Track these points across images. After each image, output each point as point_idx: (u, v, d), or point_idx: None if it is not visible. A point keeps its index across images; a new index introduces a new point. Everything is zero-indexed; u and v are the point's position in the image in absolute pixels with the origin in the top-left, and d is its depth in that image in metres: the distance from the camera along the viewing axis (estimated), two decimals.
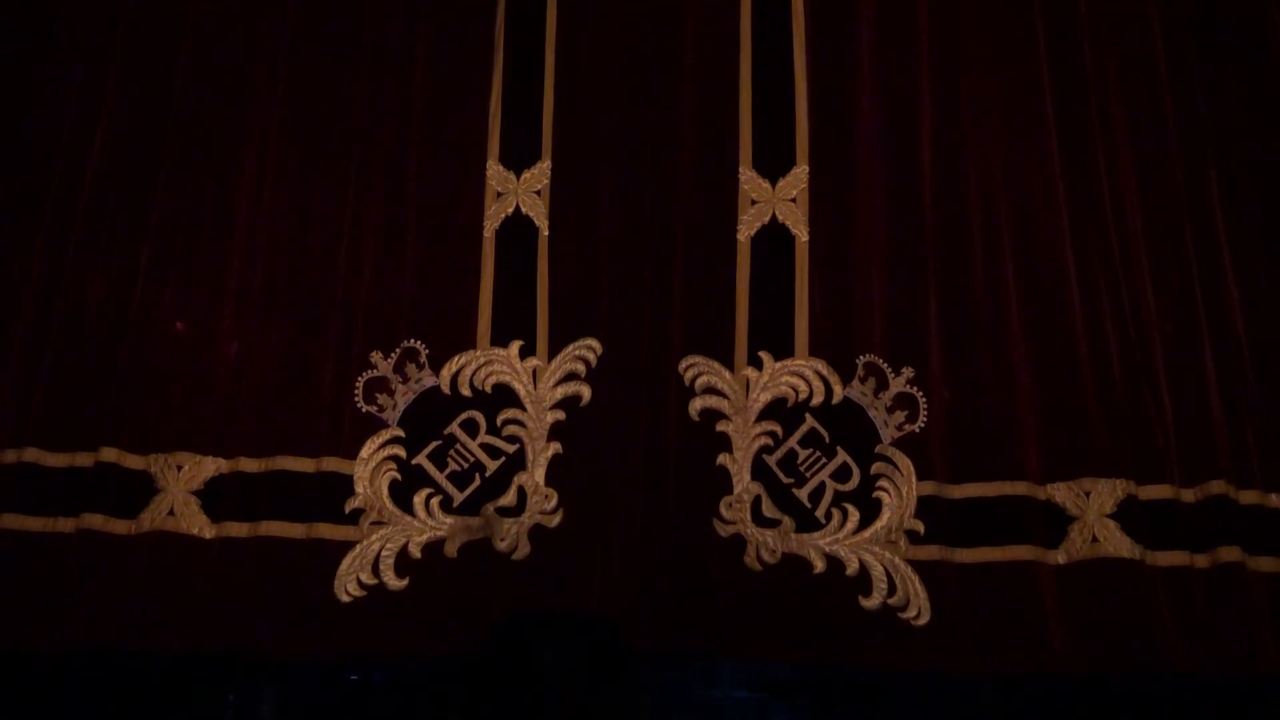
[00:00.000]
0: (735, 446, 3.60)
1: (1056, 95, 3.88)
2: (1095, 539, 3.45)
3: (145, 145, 3.78)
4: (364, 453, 3.54)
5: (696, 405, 3.63)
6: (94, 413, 3.49)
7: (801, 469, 3.58)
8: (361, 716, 3.52)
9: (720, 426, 3.63)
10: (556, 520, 3.51)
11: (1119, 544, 3.42)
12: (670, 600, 3.47)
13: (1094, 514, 3.46)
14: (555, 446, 3.58)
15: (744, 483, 3.55)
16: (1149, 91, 3.87)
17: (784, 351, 3.70)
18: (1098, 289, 3.68)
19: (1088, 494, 3.49)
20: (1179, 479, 3.53)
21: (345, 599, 3.38)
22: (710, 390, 3.66)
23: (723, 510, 3.53)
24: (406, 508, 3.49)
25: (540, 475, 3.55)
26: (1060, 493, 3.53)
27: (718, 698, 8.93)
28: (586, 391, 3.64)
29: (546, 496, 3.53)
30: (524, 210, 3.79)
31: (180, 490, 3.45)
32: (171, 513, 3.43)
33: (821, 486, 3.55)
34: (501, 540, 3.46)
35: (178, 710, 3.41)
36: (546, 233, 3.78)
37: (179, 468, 3.47)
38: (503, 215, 3.79)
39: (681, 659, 3.50)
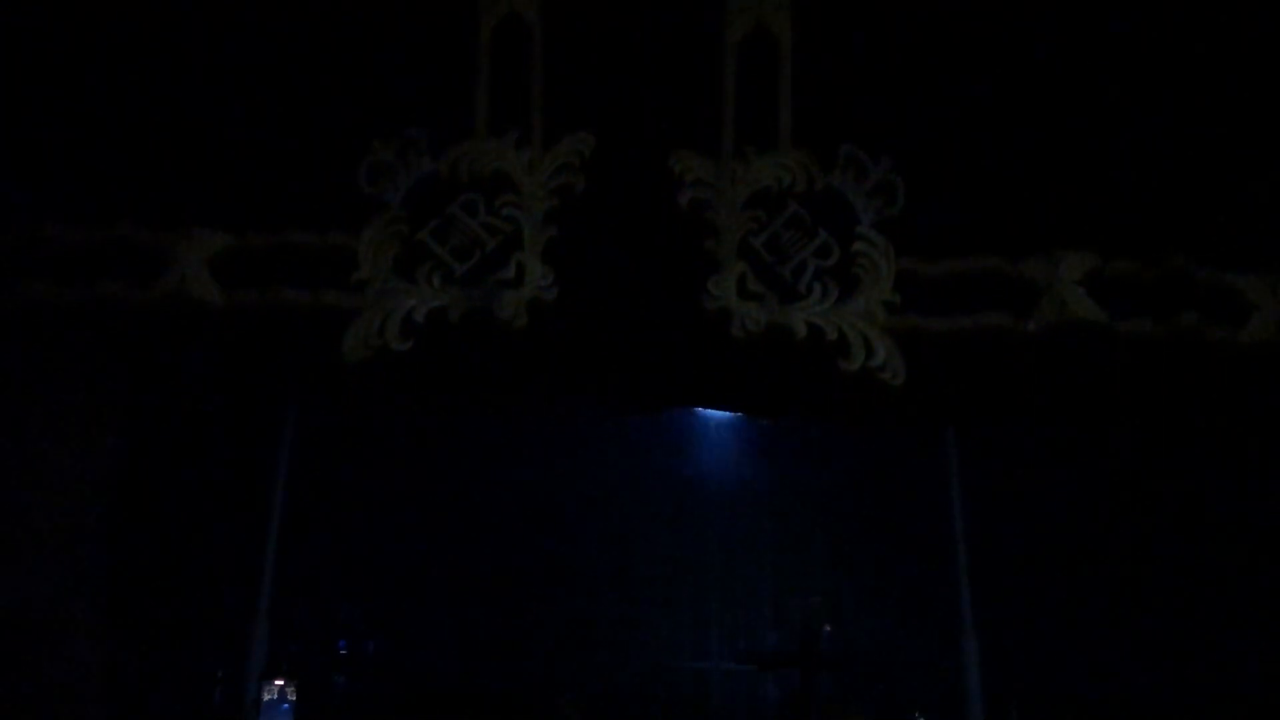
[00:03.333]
0: (722, 231, 3.77)
1: None
2: (1064, 304, 3.64)
3: None
4: (369, 229, 3.70)
5: (686, 195, 3.80)
6: (108, 190, 3.63)
7: (785, 249, 3.76)
8: None
9: (708, 214, 3.80)
10: (553, 295, 3.68)
11: (1087, 309, 3.62)
12: (660, 367, 3.65)
13: (1063, 283, 3.66)
14: (552, 229, 3.75)
15: (730, 262, 3.72)
16: None
17: (769, 145, 3.87)
18: (1067, 77, 3.86)
19: (1058, 265, 3.68)
20: (1143, 255, 3.71)
21: (352, 360, 3.54)
22: (698, 182, 3.82)
23: (710, 287, 3.71)
24: (410, 278, 3.66)
25: (538, 254, 3.72)
26: (1031, 266, 3.72)
27: (706, 670, 9.08)
28: (581, 180, 3.80)
29: (544, 274, 3.70)
30: (518, 10, 3.94)
31: (192, 261, 3.60)
32: (184, 281, 3.58)
33: (804, 263, 3.73)
34: (501, 310, 3.63)
35: None
36: (541, 33, 3.93)
37: (190, 240, 3.62)
38: (499, 15, 3.94)
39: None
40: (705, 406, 3.63)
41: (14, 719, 3.46)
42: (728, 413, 9.76)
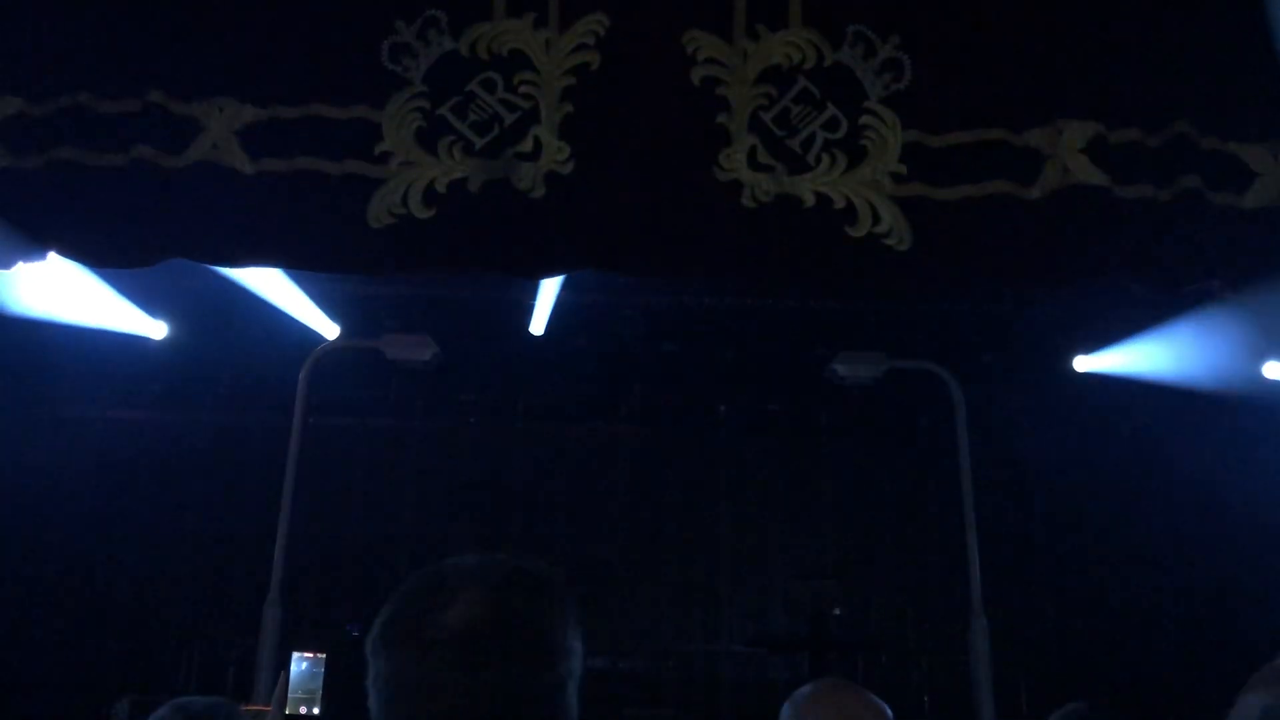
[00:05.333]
0: (733, 107, 3.89)
1: None
2: (1067, 170, 3.72)
3: None
4: (391, 104, 3.83)
5: (698, 73, 3.92)
6: (140, 59, 3.78)
7: (794, 123, 3.87)
8: None
9: (719, 91, 3.91)
10: (570, 168, 3.81)
11: (1089, 173, 3.71)
12: (672, 236, 3.76)
13: (1066, 150, 3.75)
14: (568, 107, 3.87)
15: (741, 136, 3.84)
16: None
17: (779, 24, 3.97)
18: None
19: (1060, 133, 3.77)
20: (1145, 123, 3.79)
21: (376, 226, 3.68)
22: (711, 61, 3.94)
23: (721, 161, 3.82)
24: (432, 151, 3.79)
25: (554, 130, 3.84)
26: (1035, 136, 3.81)
27: (717, 652, 9.22)
28: (596, 59, 3.92)
29: (559, 149, 3.82)
30: None
31: (222, 130, 3.75)
32: (215, 148, 3.73)
33: (813, 136, 3.84)
34: (520, 181, 3.75)
35: None
36: None
37: (220, 110, 3.77)
38: None
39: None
40: (716, 275, 3.72)
41: None
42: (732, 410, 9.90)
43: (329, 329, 8.34)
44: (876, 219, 3.70)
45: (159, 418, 9.76)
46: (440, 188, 3.74)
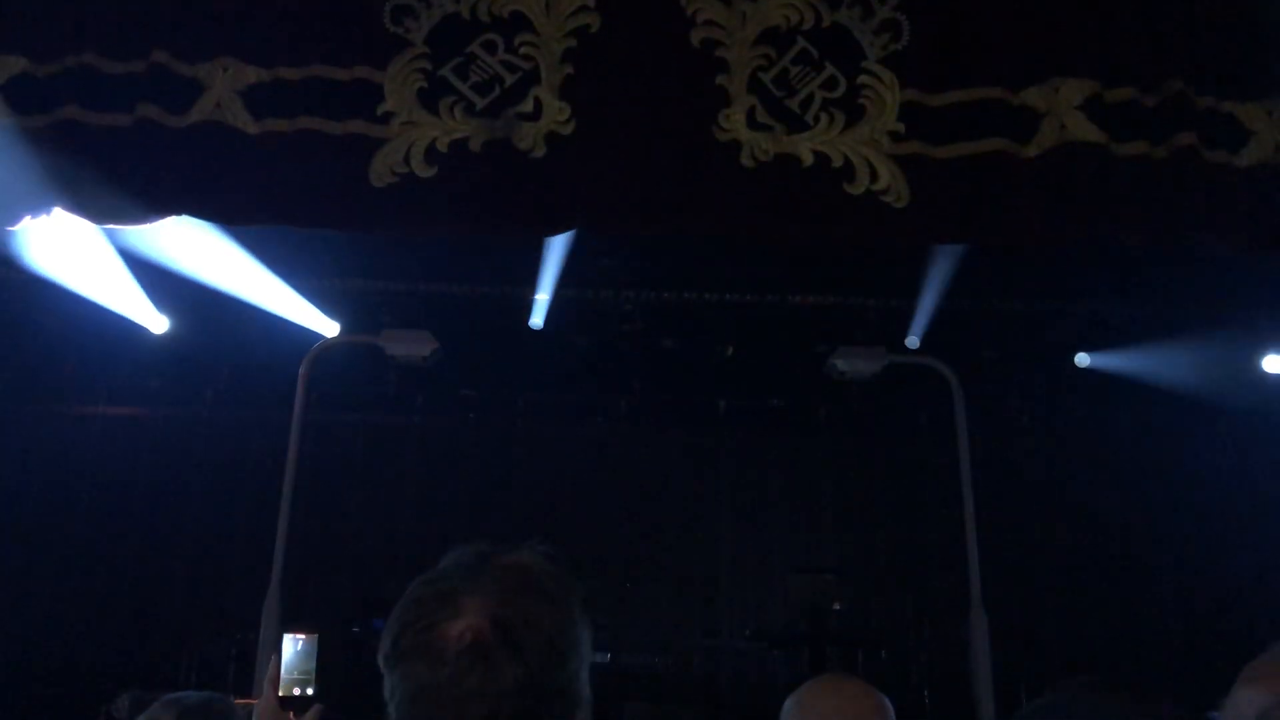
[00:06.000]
0: (732, 68, 3.92)
1: None
2: (1064, 128, 3.75)
3: None
4: (393, 66, 3.86)
5: (698, 35, 3.95)
6: (144, 20, 3.81)
7: (793, 83, 3.90)
8: None
9: (719, 52, 3.95)
10: (570, 129, 3.83)
11: (1086, 130, 3.74)
12: (672, 195, 3.79)
13: (1063, 107, 3.78)
14: (568, 68, 3.90)
15: (740, 97, 3.87)
16: None
17: None
18: None
19: (1057, 91, 3.80)
20: (1142, 81, 3.82)
21: (379, 185, 3.71)
22: (710, 23, 3.97)
23: (720, 121, 3.85)
24: (433, 111, 3.82)
25: (554, 91, 3.87)
26: (1032, 95, 3.84)
27: (717, 648, 9.20)
28: (596, 21, 3.95)
29: (560, 109, 3.85)
30: None
31: (226, 90, 3.78)
32: (219, 108, 3.76)
33: (811, 95, 3.87)
34: (520, 140, 3.78)
35: None
36: None
37: (224, 70, 3.80)
38: None
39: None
40: (716, 233, 3.75)
41: None
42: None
43: (329, 325, 8.35)
44: (874, 177, 3.72)
45: (158, 413, 9.77)
46: (442, 147, 3.77)
